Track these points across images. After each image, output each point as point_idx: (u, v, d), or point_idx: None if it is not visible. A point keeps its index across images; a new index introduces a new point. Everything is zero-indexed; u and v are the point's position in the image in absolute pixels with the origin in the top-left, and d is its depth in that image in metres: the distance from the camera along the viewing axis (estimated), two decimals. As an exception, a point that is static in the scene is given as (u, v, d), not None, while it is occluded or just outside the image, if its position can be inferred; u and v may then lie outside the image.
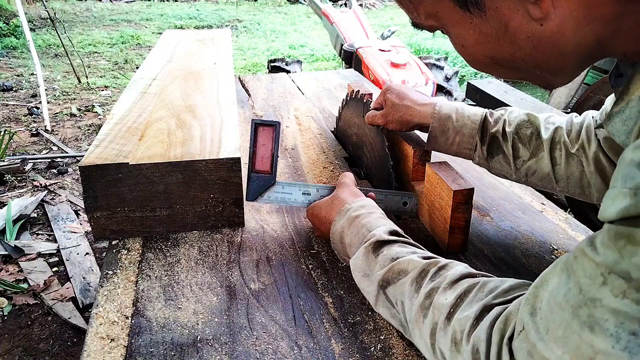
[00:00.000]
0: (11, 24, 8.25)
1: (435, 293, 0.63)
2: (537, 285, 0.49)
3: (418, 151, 1.04)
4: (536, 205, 1.14)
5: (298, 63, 5.03)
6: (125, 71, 6.35)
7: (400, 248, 0.73)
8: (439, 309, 0.61)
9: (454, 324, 0.58)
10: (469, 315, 0.57)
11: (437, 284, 0.64)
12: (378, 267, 0.73)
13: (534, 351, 0.46)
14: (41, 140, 4.07)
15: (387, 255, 0.72)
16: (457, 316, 0.58)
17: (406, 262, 0.69)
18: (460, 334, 0.56)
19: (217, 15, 10.72)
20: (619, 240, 0.39)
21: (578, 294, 0.42)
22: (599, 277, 0.41)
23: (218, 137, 1.05)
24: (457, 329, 0.57)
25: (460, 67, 6.21)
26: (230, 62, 1.70)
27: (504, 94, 3.04)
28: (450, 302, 0.60)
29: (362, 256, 0.75)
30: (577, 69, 0.52)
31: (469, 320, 0.56)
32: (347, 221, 0.83)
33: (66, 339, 2.03)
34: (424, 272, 0.67)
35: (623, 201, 0.39)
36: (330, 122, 1.63)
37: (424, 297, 0.64)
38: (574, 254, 0.45)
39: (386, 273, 0.71)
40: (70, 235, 2.69)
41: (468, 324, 0.56)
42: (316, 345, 0.73)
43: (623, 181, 0.40)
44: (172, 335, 0.75)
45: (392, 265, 0.70)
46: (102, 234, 0.98)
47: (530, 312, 0.48)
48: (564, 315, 0.43)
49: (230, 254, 0.95)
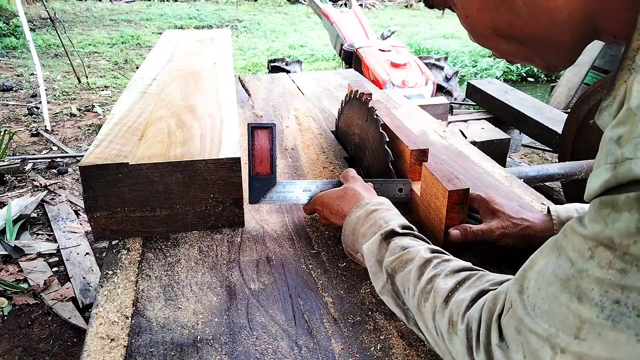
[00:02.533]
0: (11, 24, 8.25)
1: (437, 279, 0.66)
2: (525, 268, 0.51)
3: (415, 151, 1.04)
4: (536, 205, 1.14)
5: (298, 63, 5.03)
6: (125, 71, 6.35)
7: (411, 240, 0.77)
8: (438, 293, 0.64)
9: (452, 306, 0.61)
10: (465, 297, 0.60)
11: (438, 271, 0.67)
12: (388, 254, 0.76)
13: (521, 326, 0.48)
14: (41, 140, 4.07)
15: (397, 244, 0.76)
16: (455, 299, 0.61)
17: (414, 252, 0.73)
18: (457, 316, 0.59)
19: (217, 15, 10.72)
20: (603, 209, 0.41)
21: (569, 268, 0.44)
22: (587, 251, 0.42)
23: (218, 137, 1.05)
24: (454, 310, 0.60)
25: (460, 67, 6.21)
26: (230, 62, 1.70)
27: (504, 94, 3.04)
28: (449, 286, 0.63)
29: (377, 242, 0.79)
30: (572, 47, 0.54)
31: (464, 302, 0.59)
32: (365, 213, 0.86)
33: (66, 339, 2.03)
34: (428, 262, 0.70)
35: (605, 175, 0.40)
36: (330, 122, 1.63)
37: (425, 282, 0.67)
38: (563, 232, 0.47)
39: (394, 261, 0.74)
40: (70, 235, 2.69)
41: (464, 306, 0.59)
42: (316, 345, 0.73)
43: (604, 158, 0.41)
44: (172, 335, 0.75)
45: (401, 254, 0.74)
46: (102, 234, 0.98)
47: (518, 290, 0.50)
48: (551, 289, 0.45)
49: (230, 254, 0.95)
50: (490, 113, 3.05)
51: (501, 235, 0.91)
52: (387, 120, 1.19)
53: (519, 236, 0.91)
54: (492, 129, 2.71)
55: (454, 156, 1.40)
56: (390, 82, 3.55)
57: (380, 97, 1.88)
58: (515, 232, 0.91)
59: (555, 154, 3.10)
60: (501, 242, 0.92)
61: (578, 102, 2.23)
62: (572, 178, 1.89)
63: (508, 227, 0.91)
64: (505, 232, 0.91)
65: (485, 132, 2.64)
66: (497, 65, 6.76)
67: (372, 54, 3.93)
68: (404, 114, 1.74)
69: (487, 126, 2.75)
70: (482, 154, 1.43)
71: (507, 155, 2.68)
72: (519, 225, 0.91)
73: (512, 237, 0.91)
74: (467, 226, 0.91)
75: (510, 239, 0.91)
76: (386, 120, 1.19)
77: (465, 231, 0.91)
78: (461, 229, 0.91)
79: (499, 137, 2.55)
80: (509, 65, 6.70)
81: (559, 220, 0.90)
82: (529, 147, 3.69)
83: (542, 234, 0.90)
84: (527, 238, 0.91)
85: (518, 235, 0.91)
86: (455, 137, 1.55)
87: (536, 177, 1.85)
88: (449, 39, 8.51)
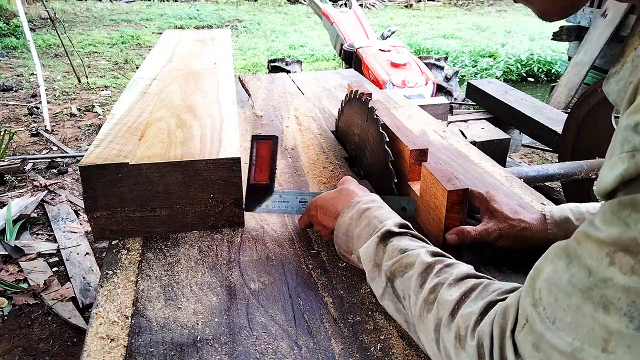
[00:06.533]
0: (11, 24, 8.25)
1: (440, 288, 0.63)
2: (532, 277, 0.49)
3: (414, 151, 1.04)
4: (536, 205, 1.14)
5: (298, 63, 5.03)
6: (125, 71, 6.35)
7: (409, 241, 0.74)
8: (444, 305, 0.60)
9: (458, 320, 0.57)
10: (474, 311, 0.56)
11: (442, 279, 0.64)
12: (386, 257, 0.73)
13: (541, 342, 0.45)
14: (41, 140, 4.07)
15: (396, 246, 0.73)
16: (461, 312, 0.58)
17: (414, 255, 0.70)
18: (465, 330, 0.56)
19: (217, 15, 10.72)
20: (622, 210, 0.38)
21: (587, 277, 0.42)
22: (605, 258, 0.40)
23: (218, 137, 1.05)
24: (461, 324, 0.57)
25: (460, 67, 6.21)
26: (230, 62, 1.69)
27: (504, 94, 3.04)
28: (455, 298, 0.60)
29: (374, 244, 0.76)
30: None
31: (473, 316, 0.56)
32: (357, 213, 0.83)
33: (66, 339, 2.03)
34: (430, 268, 0.67)
35: (622, 165, 0.38)
36: (330, 122, 1.63)
37: (428, 291, 0.64)
38: (575, 238, 0.44)
39: (393, 265, 0.71)
40: (70, 235, 2.69)
41: (472, 319, 0.56)
42: (316, 345, 0.73)
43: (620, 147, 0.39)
44: (172, 335, 0.75)
45: (400, 258, 0.71)
46: (102, 234, 0.98)
47: (532, 303, 0.47)
48: (571, 300, 0.43)
49: (230, 254, 0.95)
50: (490, 113, 3.05)
51: (497, 236, 0.90)
52: (387, 120, 1.19)
53: (515, 238, 0.90)
54: (492, 129, 2.71)
55: (454, 156, 1.39)
56: (390, 82, 3.56)
57: (380, 97, 1.88)
58: (512, 234, 0.90)
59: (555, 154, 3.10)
60: (497, 243, 0.91)
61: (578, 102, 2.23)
62: (572, 178, 1.89)
63: (504, 229, 0.89)
64: (501, 234, 0.90)
65: (485, 132, 2.64)
66: (497, 65, 6.76)
67: (372, 54, 3.93)
68: (404, 114, 1.74)
69: (487, 126, 2.75)
70: (482, 154, 1.43)
71: (507, 155, 2.68)
72: (516, 227, 0.89)
73: (508, 239, 0.90)
74: (465, 229, 0.90)
75: (507, 241, 0.90)
76: (386, 120, 1.19)
77: (462, 235, 0.90)
78: (458, 233, 0.90)
79: (499, 137, 2.55)
80: (509, 65, 6.71)
81: (552, 221, 0.89)
82: (529, 147, 3.69)
83: (539, 235, 0.89)
84: (523, 240, 0.89)
85: (514, 236, 0.90)
86: (455, 137, 1.55)
87: (536, 177, 1.85)
88: (449, 39, 8.51)
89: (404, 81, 3.58)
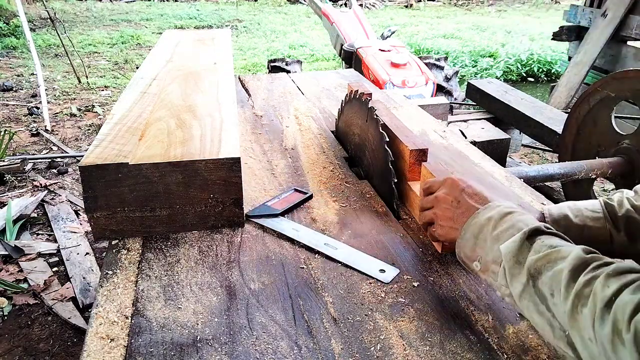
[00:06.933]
0: (11, 24, 8.25)
1: (596, 281, 0.57)
2: None
3: (414, 151, 1.04)
4: (536, 205, 1.14)
5: (298, 63, 5.02)
6: (125, 71, 6.35)
7: (561, 240, 0.68)
8: (598, 297, 0.55)
9: (615, 311, 0.52)
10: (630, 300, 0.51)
11: (598, 273, 0.58)
12: (532, 252, 0.66)
13: None
14: (41, 140, 4.07)
15: (544, 243, 0.67)
16: (618, 303, 0.53)
17: (566, 250, 0.63)
18: (622, 323, 0.51)
19: (217, 15, 10.72)
20: None
21: None
22: None
23: (218, 137, 1.05)
24: (618, 316, 0.52)
25: (460, 67, 6.22)
26: (230, 62, 1.70)
27: (504, 94, 3.04)
28: (612, 290, 0.54)
29: (518, 240, 0.69)
30: None
31: (629, 306, 0.51)
32: (498, 214, 0.76)
33: (66, 339, 2.03)
34: (585, 263, 0.60)
35: None
36: (330, 122, 1.63)
37: (583, 284, 0.58)
38: None
39: (539, 260, 0.65)
40: (70, 235, 2.69)
41: (628, 309, 0.51)
42: (316, 345, 0.73)
43: None
44: (172, 335, 0.75)
45: (549, 252, 0.65)
46: (102, 234, 0.98)
47: None
48: None
49: (230, 254, 0.95)
50: (490, 113, 3.05)
51: None
52: (387, 120, 1.19)
53: None
54: (492, 129, 2.71)
55: (454, 156, 1.39)
56: (390, 82, 3.55)
57: (380, 97, 1.88)
58: None
59: (555, 154, 3.10)
60: None
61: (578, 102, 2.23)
62: (572, 178, 1.89)
63: None
64: None
65: (485, 132, 2.64)
66: (497, 65, 6.75)
67: (372, 54, 3.93)
68: (404, 114, 1.74)
69: (487, 126, 2.75)
70: (482, 154, 1.43)
71: (507, 155, 2.68)
72: None
73: None
74: None
75: None
76: (386, 120, 1.19)
77: None
78: None
79: (499, 137, 2.54)
80: (509, 65, 6.70)
81: (551, 219, 0.89)
82: (529, 147, 3.69)
83: None
84: None
85: None
86: (455, 137, 1.55)
87: (536, 177, 1.85)
88: (449, 39, 8.50)
89: (404, 81, 3.57)
